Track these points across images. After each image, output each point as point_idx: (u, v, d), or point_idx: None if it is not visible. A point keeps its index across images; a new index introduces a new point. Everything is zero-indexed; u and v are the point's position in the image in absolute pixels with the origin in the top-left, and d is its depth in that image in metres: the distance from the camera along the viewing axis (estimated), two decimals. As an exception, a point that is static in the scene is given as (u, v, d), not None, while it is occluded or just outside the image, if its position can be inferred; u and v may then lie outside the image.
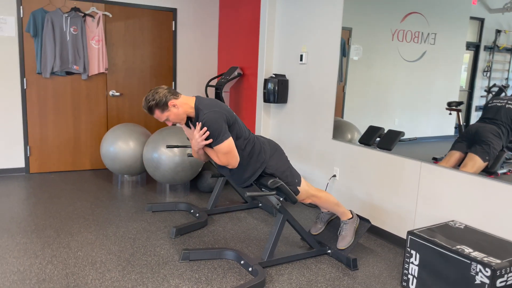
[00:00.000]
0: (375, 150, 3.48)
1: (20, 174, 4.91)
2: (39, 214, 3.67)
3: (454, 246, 2.40)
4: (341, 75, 3.81)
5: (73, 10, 4.81)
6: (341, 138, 3.77)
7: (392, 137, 3.50)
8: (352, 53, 3.65)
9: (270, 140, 2.79)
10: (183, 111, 2.53)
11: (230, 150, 2.50)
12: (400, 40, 3.27)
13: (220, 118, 2.45)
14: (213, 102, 2.53)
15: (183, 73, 5.64)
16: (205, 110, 2.46)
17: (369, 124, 3.54)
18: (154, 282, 2.61)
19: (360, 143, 3.60)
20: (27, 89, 4.80)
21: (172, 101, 2.49)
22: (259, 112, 4.75)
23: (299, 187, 2.72)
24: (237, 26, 5.26)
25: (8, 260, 2.82)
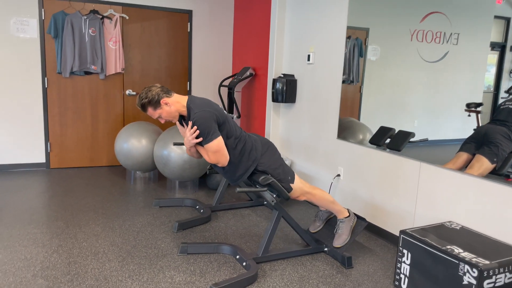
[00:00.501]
0: (377, 150, 3.47)
1: (41, 169, 5.15)
2: (53, 206, 3.85)
3: (444, 246, 2.38)
4: (358, 75, 3.81)
5: (92, 13, 5.01)
6: (352, 139, 3.75)
7: (402, 138, 3.48)
8: (369, 54, 3.64)
9: (262, 138, 2.84)
10: (175, 109, 2.61)
11: (219, 149, 2.56)
12: (420, 41, 3.23)
13: (210, 117, 2.51)
14: (205, 101, 2.60)
15: (198, 74, 5.76)
16: (196, 109, 2.54)
17: (386, 125, 3.51)
18: (150, 273, 2.71)
19: (370, 144, 3.58)
20: (48, 88, 5.03)
21: (165, 99, 2.58)
22: (268, 111, 4.80)
23: (292, 184, 2.76)
24: (250, 27, 5.34)
25: (16, 248, 2.98)
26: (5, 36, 4.75)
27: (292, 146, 4.58)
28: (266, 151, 2.75)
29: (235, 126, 2.70)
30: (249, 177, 2.77)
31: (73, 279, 2.59)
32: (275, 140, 4.82)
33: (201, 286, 2.57)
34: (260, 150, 2.72)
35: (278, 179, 2.71)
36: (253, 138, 2.76)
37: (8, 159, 5.00)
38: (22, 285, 2.49)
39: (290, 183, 2.75)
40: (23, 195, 4.12)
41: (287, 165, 2.82)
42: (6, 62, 4.81)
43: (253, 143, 2.72)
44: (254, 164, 2.69)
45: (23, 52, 4.86)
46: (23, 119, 4.98)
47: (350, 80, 3.85)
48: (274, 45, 4.64)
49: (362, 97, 3.76)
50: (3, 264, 2.73)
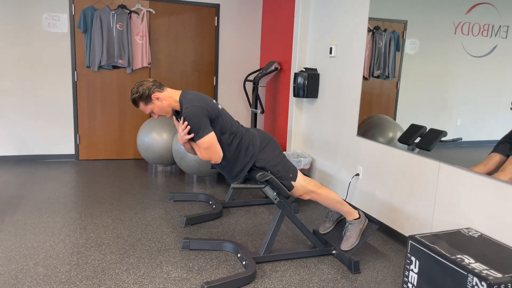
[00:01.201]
0: (396, 148, 3.25)
1: (71, 160, 5.31)
2: (72, 197, 3.94)
3: (454, 255, 2.16)
4: (394, 70, 3.60)
5: (120, 7, 5.08)
6: (382, 137, 3.54)
7: (433, 136, 3.24)
8: (407, 47, 3.41)
9: (262, 133, 2.72)
10: (167, 104, 2.55)
11: (211, 145, 2.47)
12: (465, 34, 2.98)
13: (201, 112, 2.42)
14: (197, 96, 2.52)
15: (225, 68, 5.70)
16: (187, 104, 2.46)
17: (425, 123, 3.26)
18: (147, 267, 2.68)
19: (400, 142, 3.35)
20: (77, 82, 5.17)
21: (156, 94, 2.52)
22: (291, 107, 4.66)
23: (294, 182, 2.62)
24: (277, 20, 5.21)
25: (26, 236, 3.06)
26: (37, 31, 4.93)
27: (314, 144, 4.42)
28: (265, 146, 2.63)
29: (231, 121, 2.59)
30: (249, 173, 2.66)
31: (72, 269, 2.61)
32: (297, 137, 4.67)
33: (195, 283, 2.50)
34: (259, 146, 2.61)
35: (277, 176, 2.58)
36: (251, 133, 2.65)
37: (41, 150, 5.19)
38: (22, 272, 2.54)
39: (291, 180, 2.62)
40: (47, 185, 4.25)
41: (289, 162, 2.68)
42: (39, 56, 4.99)
43: (251, 138, 2.61)
44: (252, 160, 2.58)
45: (54, 46, 5.01)
46: (54, 112, 5.15)
47: (385, 75, 3.63)
48: (297, 38, 4.48)
49: (398, 94, 3.53)
50: (10, 251, 2.81)
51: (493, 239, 2.39)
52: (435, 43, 3.09)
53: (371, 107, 3.71)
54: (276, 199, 2.71)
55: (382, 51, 3.62)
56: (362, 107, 3.73)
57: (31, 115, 5.08)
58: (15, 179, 4.42)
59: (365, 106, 3.74)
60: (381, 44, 3.62)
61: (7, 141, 5.06)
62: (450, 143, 2.98)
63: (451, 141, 3.10)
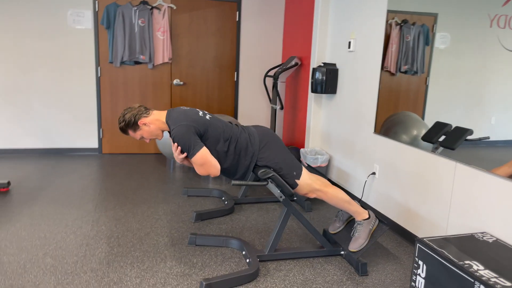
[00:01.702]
0: (411, 146, 3.11)
1: (94, 153, 5.44)
2: (89, 189, 4.02)
3: (462, 260, 2.04)
4: (423, 65, 3.45)
5: (142, 3, 5.13)
6: (405, 135, 3.40)
7: (458, 135, 3.09)
8: (437, 42, 3.25)
9: (262, 130, 2.64)
10: (155, 127, 2.55)
11: (205, 161, 2.44)
12: (502, 27, 2.81)
13: (188, 131, 2.40)
14: (181, 114, 2.48)
15: (246, 63, 5.67)
16: (173, 125, 2.45)
17: (455, 121, 3.11)
18: (152, 261, 2.69)
19: (423, 141, 3.21)
20: (101, 77, 5.28)
21: (142, 120, 2.53)
22: (309, 103, 4.57)
23: (298, 180, 2.55)
24: (298, 14, 5.12)
25: (41, 226, 3.14)
26: (62, 27, 5.06)
27: (332, 141, 4.31)
28: (266, 144, 2.56)
29: (222, 127, 2.54)
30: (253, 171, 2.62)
31: (78, 260, 2.65)
32: (316, 134, 4.57)
33: (196, 279, 2.49)
34: (258, 144, 2.54)
35: (280, 173, 2.52)
36: (248, 132, 2.59)
37: (66, 143, 5.34)
38: (31, 262, 2.60)
39: (295, 178, 2.55)
40: (68, 178, 4.36)
41: (293, 159, 2.61)
42: (64, 52, 5.12)
43: (248, 137, 2.55)
44: (254, 160, 2.53)
45: (78, 42, 5.13)
46: (79, 106, 5.28)
47: (413, 70, 3.48)
48: (317, 31, 4.38)
49: (428, 90, 3.38)
50: (23, 241, 2.89)
51: (509, 245, 2.24)
52: (468, 37, 2.91)
53: (398, 104, 3.57)
54: (282, 197, 2.65)
55: (410, 45, 3.47)
56: (388, 104, 3.59)
57: (57, 109, 5.23)
58: (39, 171, 4.56)
59: (391, 103, 3.60)
60: (409, 38, 3.48)
61: (34, 134, 5.23)
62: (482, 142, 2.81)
63: (478, 140, 2.94)
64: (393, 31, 3.55)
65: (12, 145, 5.20)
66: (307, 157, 4.19)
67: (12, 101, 5.10)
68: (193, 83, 5.56)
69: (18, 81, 5.07)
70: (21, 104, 5.13)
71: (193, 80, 5.55)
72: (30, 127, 5.20)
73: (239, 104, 5.76)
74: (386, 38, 3.61)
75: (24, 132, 5.20)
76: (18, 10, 4.92)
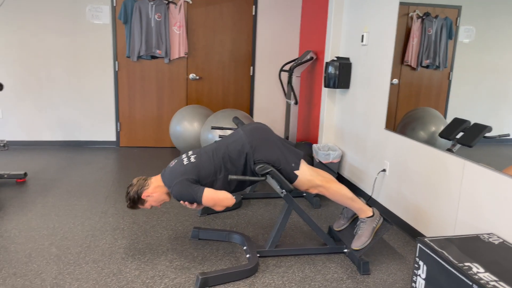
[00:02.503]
0: (420, 142, 3.01)
1: (112, 146, 5.54)
2: (102, 181, 4.10)
3: (462, 262, 1.95)
4: (445, 60, 3.34)
5: (158, -2, 5.17)
6: (422, 131, 3.30)
7: (476, 132, 2.97)
8: (461, 35, 3.12)
9: (251, 128, 2.58)
10: (158, 194, 2.59)
11: (214, 201, 2.45)
12: None
13: (183, 186, 2.44)
14: (171, 174, 2.52)
15: (262, 58, 5.63)
16: (169, 188, 2.51)
17: (479, 118, 2.99)
18: (153, 254, 2.71)
19: (440, 137, 3.11)
20: (118, 72, 5.36)
21: (145, 193, 2.57)
22: (323, 98, 4.49)
23: (298, 171, 2.51)
24: (315, 8, 5.03)
25: (51, 217, 3.22)
26: (81, 22, 5.16)
27: (345, 137, 4.23)
28: (258, 144, 2.50)
29: (214, 157, 2.53)
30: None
31: (82, 251, 2.71)
32: (329, 129, 4.50)
33: (194, 273, 2.49)
34: (248, 145, 2.50)
35: (279, 168, 2.48)
36: (234, 139, 2.57)
37: (85, 136, 5.47)
38: (36, 252, 2.67)
39: (294, 170, 2.50)
40: (84, 170, 4.46)
41: (288, 149, 2.56)
42: (82, 47, 5.22)
43: (235, 147, 2.52)
44: (251, 162, 2.50)
45: (97, 37, 5.22)
46: (97, 100, 5.38)
47: (435, 65, 3.36)
48: (331, 25, 4.30)
49: (451, 85, 3.25)
50: (31, 231, 2.97)
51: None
52: (494, 31, 2.78)
53: (419, 99, 3.45)
54: (283, 193, 2.62)
55: (432, 39, 3.35)
56: (408, 99, 3.48)
57: (76, 103, 5.35)
58: (57, 163, 4.68)
59: (412, 98, 3.49)
60: (431, 32, 3.35)
61: (55, 127, 5.38)
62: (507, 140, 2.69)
63: (497, 137, 2.81)
64: (414, 24, 3.43)
65: (33, 137, 5.36)
66: (319, 152, 4.12)
67: (33, 95, 5.25)
68: (209, 77, 5.57)
69: (39, 76, 5.22)
70: (42, 98, 5.28)
71: (209, 75, 5.56)
72: (50, 120, 5.34)
73: (254, 98, 5.74)
74: (406, 32, 3.50)
75: (44, 125, 5.35)
76: (39, 7, 5.04)
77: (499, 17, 2.69)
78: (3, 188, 3.81)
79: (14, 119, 5.28)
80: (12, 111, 5.26)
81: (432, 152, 2.89)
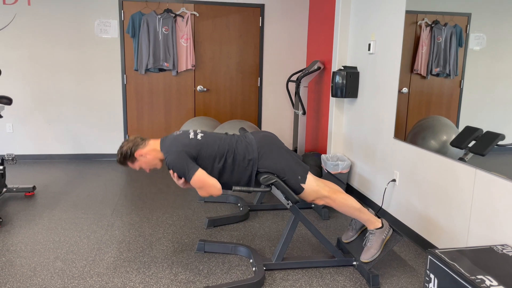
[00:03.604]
0: (430, 151, 2.94)
1: (120, 159, 5.54)
2: (110, 194, 4.09)
3: (474, 275, 1.88)
4: (456, 68, 3.29)
5: (166, 12, 5.21)
6: (433, 140, 3.23)
7: (488, 140, 2.90)
8: (471, 43, 3.07)
9: (261, 136, 2.55)
10: (152, 157, 2.54)
11: (203, 183, 2.40)
12: None
13: (179, 157, 2.39)
14: (173, 141, 2.47)
15: (270, 68, 5.62)
16: (166, 154, 2.45)
17: (493, 126, 2.91)
18: (158, 267, 2.67)
19: (452, 146, 3.04)
20: (126, 84, 5.39)
21: (138, 152, 2.53)
22: (331, 107, 4.45)
23: (304, 184, 2.46)
24: (322, 18, 5.02)
25: (57, 230, 3.21)
26: (90, 36, 5.22)
27: (354, 146, 4.17)
28: (266, 151, 2.47)
29: (218, 142, 2.49)
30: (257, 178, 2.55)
31: (87, 264, 2.68)
32: (338, 139, 4.44)
33: (200, 286, 2.44)
34: (256, 150, 2.47)
35: (284, 179, 2.44)
36: (246, 141, 2.52)
37: (94, 149, 5.49)
38: (41, 265, 2.66)
39: (300, 183, 2.46)
40: (92, 182, 4.46)
41: (296, 162, 2.52)
42: (91, 60, 5.28)
43: (246, 147, 2.48)
44: (255, 168, 2.46)
45: (105, 51, 5.27)
46: (106, 113, 5.41)
47: (446, 73, 3.31)
48: (337, 34, 4.27)
49: (462, 93, 3.19)
50: (37, 244, 2.96)
51: (531, 259, 2.05)
52: (506, 37, 2.72)
53: (430, 108, 3.39)
54: (289, 204, 2.57)
55: (441, 47, 3.29)
56: (419, 108, 3.42)
57: (85, 116, 5.39)
58: (65, 176, 4.70)
59: (422, 107, 3.43)
60: (440, 40, 3.30)
61: (64, 140, 5.41)
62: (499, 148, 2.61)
63: (510, 145, 2.73)
64: (423, 32, 3.39)
65: (43, 151, 5.40)
66: (327, 163, 4.07)
67: (43, 109, 5.30)
68: (217, 89, 5.57)
69: (48, 89, 5.27)
70: (52, 111, 5.32)
71: (216, 86, 5.57)
72: (59, 133, 5.38)
73: (262, 109, 5.72)
74: (415, 40, 3.45)
75: (53, 138, 5.39)
76: (49, 22, 5.12)
77: (510, 23, 2.64)
78: (12, 201, 3.83)
79: (24, 133, 5.33)
80: (22, 125, 5.31)
81: (442, 161, 2.82)
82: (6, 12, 5.02)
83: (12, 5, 5.02)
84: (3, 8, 5.01)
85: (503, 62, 2.70)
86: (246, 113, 5.71)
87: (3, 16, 5.03)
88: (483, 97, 2.85)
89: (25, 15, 5.06)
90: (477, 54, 2.92)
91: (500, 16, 2.70)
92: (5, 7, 5.01)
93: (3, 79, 5.17)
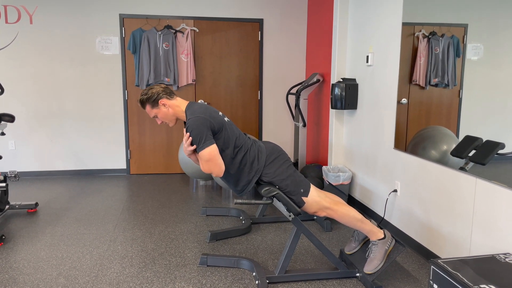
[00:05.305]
0: (430, 161, 2.96)
1: (122, 174, 5.57)
2: (112, 209, 4.09)
3: (477, 284, 1.88)
4: (454, 78, 3.32)
5: (166, 28, 5.28)
6: (434, 150, 3.24)
7: (489, 149, 2.92)
8: (469, 53, 3.10)
9: (271, 146, 2.60)
10: (172, 112, 2.53)
11: (211, 157, 2.39)
12: None
13: (203, 124, 2.37)
14: (202, 108, 2.46)
15: (269, 82, 5.67)
16: (190, 115, 2.42)
17: (493, 136, 2.93)
18: (161, 282, 2.67)
19: (452, 156, 3.05)
20: (128, 100, 5.44)
21: (163, 100, 2.50)
22: (331, 119, 4.48)
23: (305, 198, 2.47)
24: (320, 30, 5.08)
25: (59, 246, 3.21)
26: (92, 53, 5.28)
27: (354, 157, 4.19)
28: (273, 160, 2.51)
29: (238, 134, 2.52)
30: (257, 188, 2.56)
31: (90, 281, 2.68)
32: (338, 151, 4.46)
33: (202, 301, 2.44)
34: (264, 160, 2.49)
35: (286, 191, 2.45)
36: (257, 147, 2.55)
37: (96, 165, 5.51)
38: (44, 282, 2.66)
39: (302, 196, 2.47)
40: (94, 198, 4.47)
41: (300, 176, 2.54)
42: (93, 77, 5.33)
43: (257, 152, 2.51)
44: (257, 175, 2.48)
45: (106, 67, 5.33)
46: (107, 129, 5.45)
47: (444, 83, 3.34)
48: (336, 46, 4.32)
49: (461, 103, 3.22)
50: (40, 261, 2.96)
51: (534, 267, 2.05)
52: (503, 47, 2.75)
53: (429, 118, 3.42)
54: (291, 216, 2.58)
55: (439, 57, 3.33)
56: (419, 118, 3.45)
57: (87, 132, 5.42)
58: (68, 192, 4.71)
59: (422, 117, 3.45)
60: (438, 50, 3.34)
61: (66, 156, 5.44)
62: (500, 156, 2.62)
63: (511, 154, 2.75)
64: (421, 43, 3.43)
65: (45, 167, 5.42)
66: (328, 174, 4.08)
67: (45, 125, 5.34)
68: (217, 102, 5.61)
69: (51, 106, 5.32)
70: (54, 127, 5.36)
71: (217, 100, 5.61)
72: (62, 149, 5.41)
73: (263, 122, 5.75)
74: (413, 51, 3.49)
75: (56, 154, 5.41)
76: (51, 39, 5.19)
77: (507, 32, 2.67)
78: (14, 218, 3.83)
79: (26, 149, 5.36)
80: (24, 142, 5.34)
81: (443, 170, 2.83)
82: (9, 30, 5.10)
83: (15, 24, 5.09)
84: (5, 27, 5.08)
85: (501, 71, 2.73)
86: (247, 125, 5.73)
87: (6, 35, 5.10)
88: (482, 106, 2.87)
89: (27, 33, 5.13)
90: (475, 64, 2.95)
91: (497, 26, 2.74)
92: (7, 26, 5.08)
93: (5, 97, 5.23)
